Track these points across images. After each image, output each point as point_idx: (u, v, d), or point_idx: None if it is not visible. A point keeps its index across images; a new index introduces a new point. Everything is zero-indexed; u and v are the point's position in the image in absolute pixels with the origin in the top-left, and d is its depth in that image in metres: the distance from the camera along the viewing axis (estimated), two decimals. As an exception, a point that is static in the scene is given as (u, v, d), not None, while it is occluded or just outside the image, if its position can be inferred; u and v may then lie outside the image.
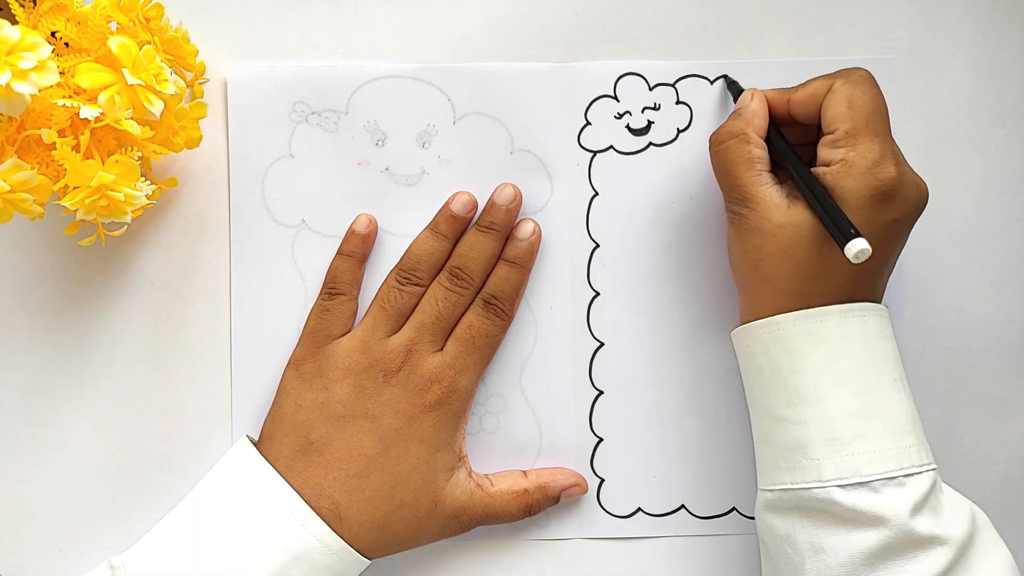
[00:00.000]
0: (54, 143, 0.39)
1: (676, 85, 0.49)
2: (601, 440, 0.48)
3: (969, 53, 0.49)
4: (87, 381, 0.47)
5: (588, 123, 0.48)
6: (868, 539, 0.39)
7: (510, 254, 0.47)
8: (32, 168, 0.39)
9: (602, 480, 0.48)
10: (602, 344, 0.48)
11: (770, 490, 0.42)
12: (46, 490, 0.47)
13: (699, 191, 0.48)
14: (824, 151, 0.42)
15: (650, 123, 0.49)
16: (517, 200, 0.47)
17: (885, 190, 0.40)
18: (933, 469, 0.40)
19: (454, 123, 0.48)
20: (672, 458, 0.48)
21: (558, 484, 0.47)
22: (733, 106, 0.47)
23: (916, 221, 0.42)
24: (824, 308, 0.41)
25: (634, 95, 0.49)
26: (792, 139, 0.44)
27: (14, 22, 0.39)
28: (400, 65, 0.48)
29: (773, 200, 0.42)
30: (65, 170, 0.39)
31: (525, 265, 0.47)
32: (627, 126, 0.49)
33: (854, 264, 0.39)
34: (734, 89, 0.48)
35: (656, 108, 0.49)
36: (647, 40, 0.49)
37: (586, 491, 0.48)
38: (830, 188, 0.41)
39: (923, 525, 0.39)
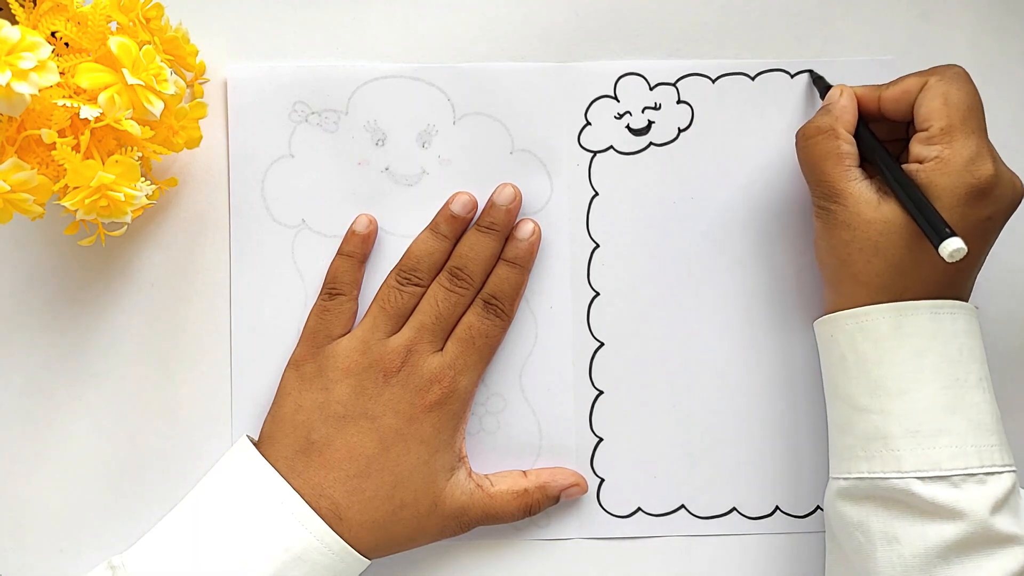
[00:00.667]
0: (54, 143, 0.39)
1: (677, 84, 0.49)
2: (601, 440, 0.48)
3: (968, 54, 0.49)
4: (87, 381, 0.47)
5: (588, 123, 0.48)
6: (945, 532, 0.39)
7: (510, 254, 0.47)
8: (32, 168, 0.39)
9: (602, 480, 0.48)
10: (602, 344, 0.48)
11: (845, 478, 0.42)
12: (46, 490, 0.47)
13: (700, 191, 0.48)
14: (917, 147, 0.42)
15: (650, 123, 0.49)
16: (517, 200, 0.47)
17: (981, 188, 0.40)
18: (1014, 471, 0.40)
19: (454, 123, 0.48)
20: (672, 458, 0.48)
21: (558, 484, 0.47)
22: (817, 102, 0.48)
23: (1009, 219, 0.42)
24: (915, 302, 0.41)
25: (634, 95, 0.49)
26: (879, 136, 0.44)
27: (14, 22, 0.39)
28: (400, 65, 0.48)
29: (863, 195, 0.42)
30: (65, 170, 0.39)
31: (525, 265, 0.47)
32: (627, 126, 0.49)
33: (948, 263, 0.39)
34: (820, 85, 0.48)
35: (657, 108, 0.49)
36: (647, 40, 0.49)
37: (586, 491, 0.48)
38: (923, 185, 0.41)
39: (1003, 524, 0.39)
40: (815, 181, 0.44)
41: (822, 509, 0.48)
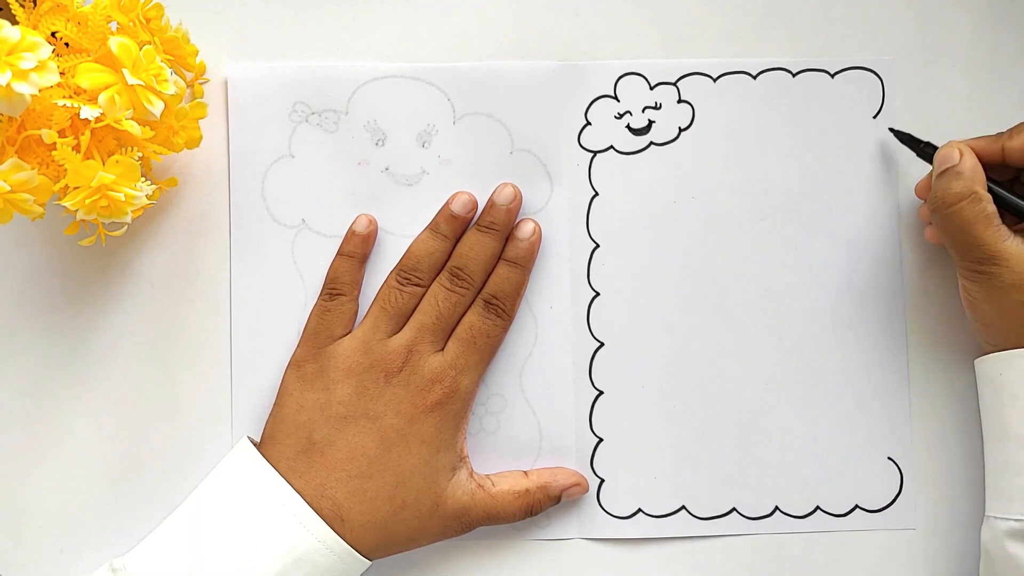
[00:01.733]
0: (54, 143, 0.39)
1: (678, 84, 0.49)
2: (601, 440, 0.48)
3: (967, 54, 0.49)
4: (87, 381, 0.47)
5: (588, 123, 0.48)
6: None
7: (510, 254, 0.47)
8: (32, 168, 0.39)
9: (602, 480, 0.48)
10: (602, 344, 0.48)
11: (1017, 520, 0.42)
12: (46, 490, 0.47)
13: (701, 191, 0.48)
14: None
15: (651, 122, 0.49)
16: (517, 200, 0.47)
17: None
18: None
19: (454, 123, 0.48)
20: (672, 458, 0.48)
21: (559, 484, 0.47)
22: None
23: None
24: None
25: (634, 95, 0.49)
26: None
27: (14, 22, 0.39)
28: (400, 65, 0.48)
29: None
30: (65, 170, 0.39)
31: (525, 265, 0.47)
32: (627, 126, 0.49)
33: None
34: (911, 142, 0.47)
35: (657, 107, 0.49)
36: (647, 40, 0.49)
37: (587, 490, 0.47)
38: None
39: None
40: (966, 247, 0.43)
41: (821, 509, 0.48)
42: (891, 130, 0.48)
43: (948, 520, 0.48)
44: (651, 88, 0.49)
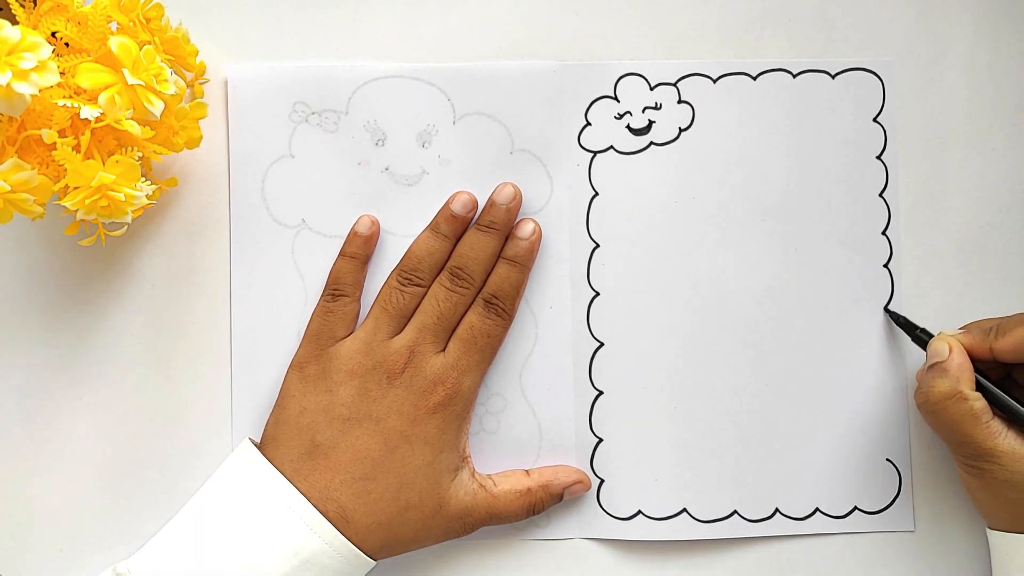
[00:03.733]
0: (54, 143, 0.39)
1: (678, 84, 0.49)
2: (601, 440, 0.48)
3: (967, 54, 0.49)
4: (87, 381, 0.47)
5: (588, 123, 0.48)
6: None
7: (510, 253, 0.47)
8: (32, 168, 0.39)
9: (602, 481, 0.48)
10: (602, 344, 0.48)
11: None
12: (46, 490, 0.47)
13: (701, 191, 0.48)
14: None
15: (651, 123, 0.49)
16: (517, 199, 0.47)
17: None
18: None
19: (454, 123, 0.48)
20: (673, 460, 0.48)
21: (560, 482, 0.47)
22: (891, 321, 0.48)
23: None
24: None
25: (634, 95, 0.49)
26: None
27: (14, 22, 0.39)
28: (400, 65, 0.48)
29: (1017, 451, 0.42)
30: (65, 170, 0.39)
31: (525, 264, 0.47)
32: (627, 126, 0.49)
33: None
34: (908, 327, 0.47)
35: (657, 108, 0.49)
36: (647, 40, 0.49)
37: (589, 488, 0.47)
38: None
39: None
40: (957, 443, 0.43)
41: (821, 511, 0.48)
42: (888, 312, 0.48)
43: (947, 521, 0.48)
44: (651, 88, 0.49)
